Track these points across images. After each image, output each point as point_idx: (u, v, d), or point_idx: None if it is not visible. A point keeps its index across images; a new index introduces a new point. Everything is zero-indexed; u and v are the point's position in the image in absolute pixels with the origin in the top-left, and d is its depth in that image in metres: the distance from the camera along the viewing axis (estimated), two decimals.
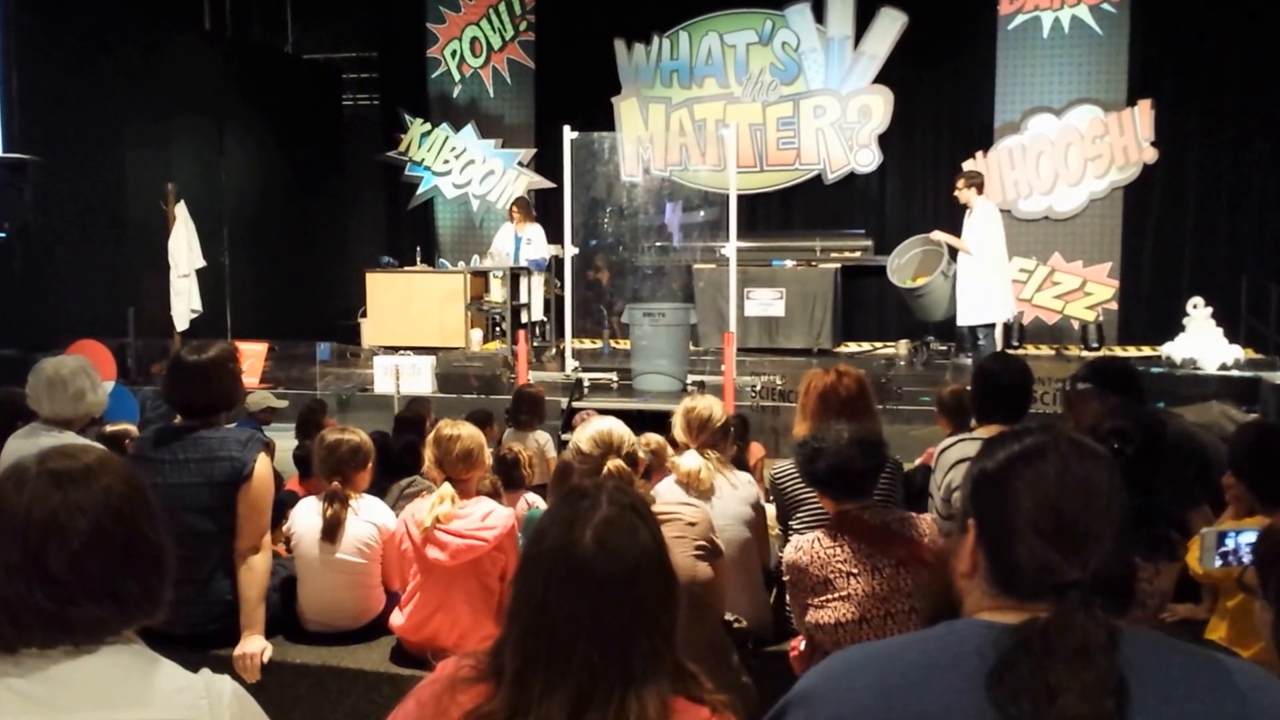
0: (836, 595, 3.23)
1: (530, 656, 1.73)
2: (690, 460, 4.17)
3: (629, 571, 1.74)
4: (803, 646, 3.51)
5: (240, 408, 7.07)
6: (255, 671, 3.85)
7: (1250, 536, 2.68)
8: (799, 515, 4.13)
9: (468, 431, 4.01)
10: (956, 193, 11.16)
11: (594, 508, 1.80)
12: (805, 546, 3.33)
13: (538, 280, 12.69)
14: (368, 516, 4.18)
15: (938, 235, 11.40)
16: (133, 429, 6.02)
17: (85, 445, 2.05)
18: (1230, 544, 2.71)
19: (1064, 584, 1.42)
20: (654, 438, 4.87)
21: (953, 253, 11.23)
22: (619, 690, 1.69)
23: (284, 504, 4.43)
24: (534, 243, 12.73)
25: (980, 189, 11.18)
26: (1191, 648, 1.48)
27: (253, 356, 10.19)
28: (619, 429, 3.61)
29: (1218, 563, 2.73)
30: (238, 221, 13.72)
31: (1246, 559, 2.70)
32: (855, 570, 3.23)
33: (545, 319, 13.10)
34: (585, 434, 3.59)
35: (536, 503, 5.03)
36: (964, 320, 11.25)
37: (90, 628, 1.75)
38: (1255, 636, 3.18)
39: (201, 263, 11.88)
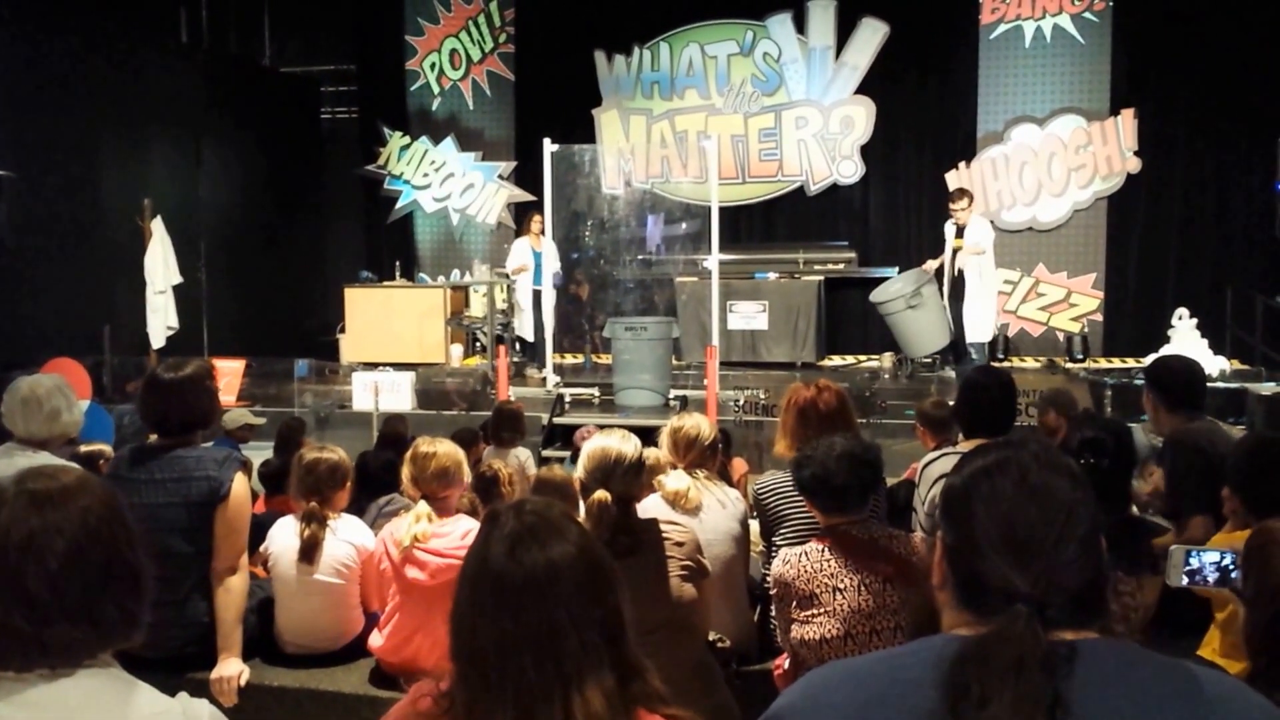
0: (822, 610, 3.21)
1: (473, 686, 1.74)
2: (676, 480, 4.14)
3: (544, 575, 1.75)
4: (787, 665, 3.48)
5: (217, 426, 7.00)
6: (232, 695, 3.79)
7: (1213, 556, 2.67)
8: (782, 531, 4.11)
9: (444, 449, 3.98)
10: (960, 213, 11.05)
11: (503, 525, 1.82)
12: (793, 560, 3.32)
13: (548, 294, 12.38)
14: (346, 536, 4.14)
15: (931, 266, 11.30)
16: (107, 449, 5.96)
17: (64, 466, 2.05)
18: (1194, 562, 2.68)
19: (1012, 596, 1.43)
20: (651, 452, 4.81)
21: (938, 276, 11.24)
22: (559, 695, 1.69)
23: (263, 526, 4.36)
24: (549, 257, 12.28)
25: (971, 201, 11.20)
26: (1165, 660, 1.47)
27: (230, 373, 10.12)
28: (614, 445, 3.48)
29: (1184, 581, 2.70)
30: (215, 237, 13.63)
31: (1211, 578, 2.67)
32: (842, 585, 3.21)
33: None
34: (581, 461, 3.49)
35: None
36: (974, 338, 11.16)
37: (68, 650, 1.74)
38: None
39: (178, 279, 11.75)
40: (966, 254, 10.96)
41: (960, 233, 11.09)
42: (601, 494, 3.33)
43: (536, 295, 11.98)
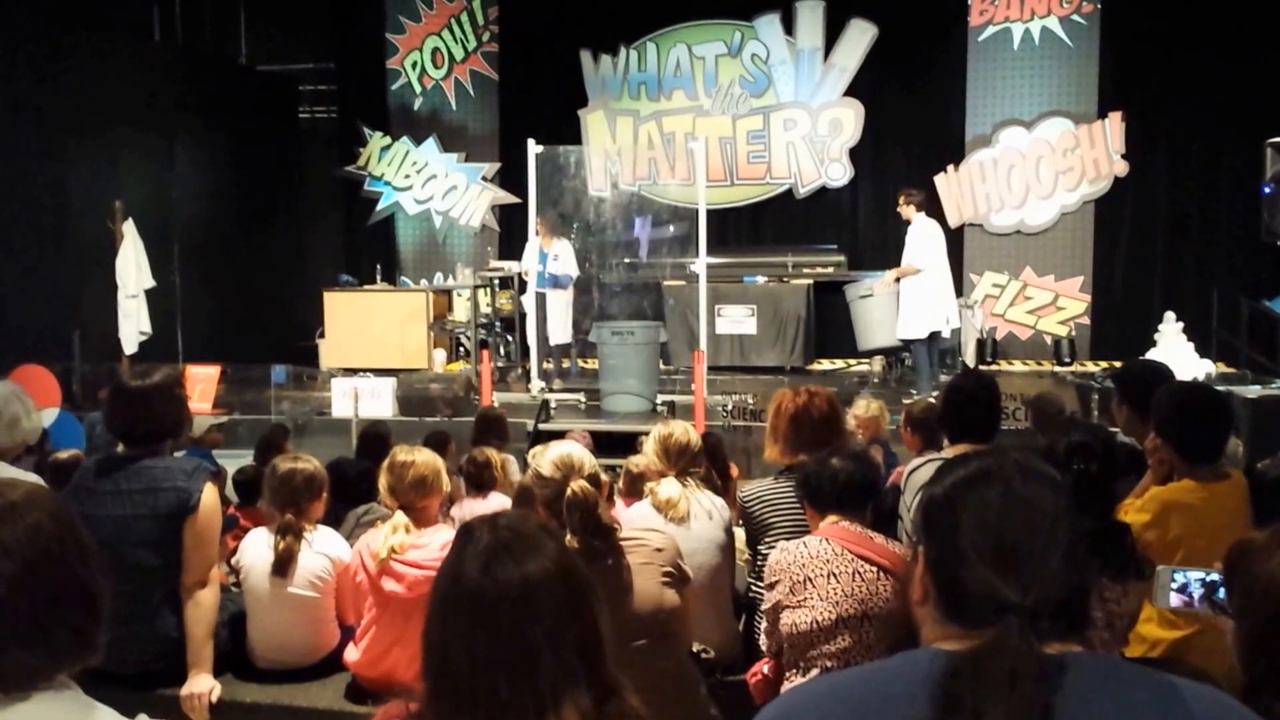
0: (815, 594, 3.23)
1: (444, 706, 1.72)
2: (669, 488, 4.12)
3: (519, 592, 1.72)
4: (765, 671, 3.49)
5: (187, 435, 6.85)
6: (203, 712, 3.71)
7: (1198, 573, 2.62)
8: (768, 539, 4.11)
9: (423, 458, 3.90)
10: (899, 209, 10.92)
11: (477, 540, 1.79)
12: (790, 548, 3.36)
13: (559, 297, 11.89)
14: (321, 548, 4.06)
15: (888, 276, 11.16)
16: (83, 456, 5.81)
17: (11, 480, 1.92)
18: (1180, 579, 2.61)
19: (1003, 608, 1.42)
20: (639, 459, 4.79)
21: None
22: (534, 716, 1.66)
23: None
24: (561, 258, 11.82)
25: (919, 206, 10.87)
26: (1151, 674, 1.46)
27: (205, 380, 9.92)
28: (578, 452, 3.44)
29: (1174, 600, 2.63)
30: (189, 239, 13.44)
31: (1198, 594, 2.61)
32: (837, 571, 3.25)
33: (571, 341, 12.30)
34: (545, 458, 3.44)
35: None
36: (902, 334, 10.91)
37: (20, 675, 1.69)
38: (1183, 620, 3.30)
39: (151, 283, 11.60)
40: (904, 270, 10.70)
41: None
42: (580, 483, 3.26)
43: (541, 298, 11.70)
